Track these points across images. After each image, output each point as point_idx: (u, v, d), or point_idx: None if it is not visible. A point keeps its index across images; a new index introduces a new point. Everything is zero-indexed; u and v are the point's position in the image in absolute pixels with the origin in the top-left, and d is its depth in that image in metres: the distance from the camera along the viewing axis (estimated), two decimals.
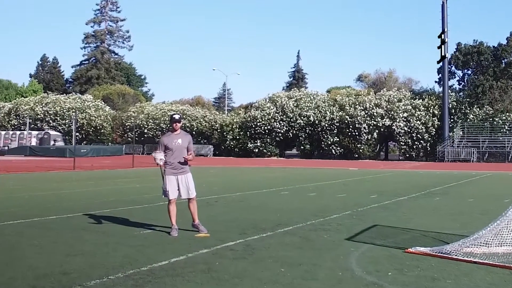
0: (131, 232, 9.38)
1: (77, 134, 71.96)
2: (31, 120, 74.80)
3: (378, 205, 14.13)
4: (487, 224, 10.67)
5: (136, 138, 66.28)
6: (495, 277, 6.38)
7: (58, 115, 76.30)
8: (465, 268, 6.82)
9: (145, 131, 72.83)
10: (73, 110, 73.87)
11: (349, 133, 61.56)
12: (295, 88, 76.88)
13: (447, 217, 11.82)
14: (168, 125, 9.73)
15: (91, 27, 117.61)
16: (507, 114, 57.95)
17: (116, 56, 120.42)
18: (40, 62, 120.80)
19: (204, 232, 9.17)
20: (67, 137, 72.20)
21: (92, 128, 75.53)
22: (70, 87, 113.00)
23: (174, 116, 9.42)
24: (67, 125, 74.63)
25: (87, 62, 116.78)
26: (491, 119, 58.15)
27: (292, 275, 6.42)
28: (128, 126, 72.74)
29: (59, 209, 12.50)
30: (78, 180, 23.17)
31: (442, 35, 57.99)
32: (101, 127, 75.90)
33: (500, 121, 57.55)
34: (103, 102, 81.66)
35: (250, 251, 7.85)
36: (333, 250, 7.99)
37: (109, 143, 74.39)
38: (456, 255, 7.40)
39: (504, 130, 56.94)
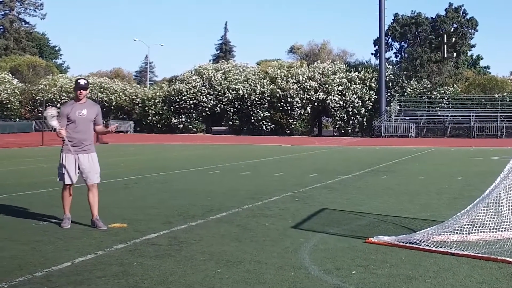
0: (27, 224, 8.02)
1: None
2: None
3: (321, 185, 13.22)
4: (448, 205, 10.10)
5: None
6: (482, 273, 5.47)
7: None
8: (443, 262, 5.91)
9: (58, 105, 69.45)
10: None
11: (281, 108, 60.79)
12: (223, 60, 75.50)
13: (402, 198, 11.00)
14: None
15: None
16: (446, 87, 58.54)
17: (27, 25, 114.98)
18: None
19: (102, 228, 7.68)
20: None
21: None
22: None
23: (79, 81, 8.03)
24: None
25: None
26: (429, 92, 58.61)
27: (232, 277, 5.32)
28: (39, 101, 69.51)
29: None
30: None
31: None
32: (7, 101, 72.37)
33: (438, 95, 58.07)
34: (10, 75, 77.76)
35: (177, 245, 6.70)
36: (279, 241, 6.94)
37: (17, 119, 71.09)
38: (428, 246, 6.49)
39: (442, 104, 57.48)
